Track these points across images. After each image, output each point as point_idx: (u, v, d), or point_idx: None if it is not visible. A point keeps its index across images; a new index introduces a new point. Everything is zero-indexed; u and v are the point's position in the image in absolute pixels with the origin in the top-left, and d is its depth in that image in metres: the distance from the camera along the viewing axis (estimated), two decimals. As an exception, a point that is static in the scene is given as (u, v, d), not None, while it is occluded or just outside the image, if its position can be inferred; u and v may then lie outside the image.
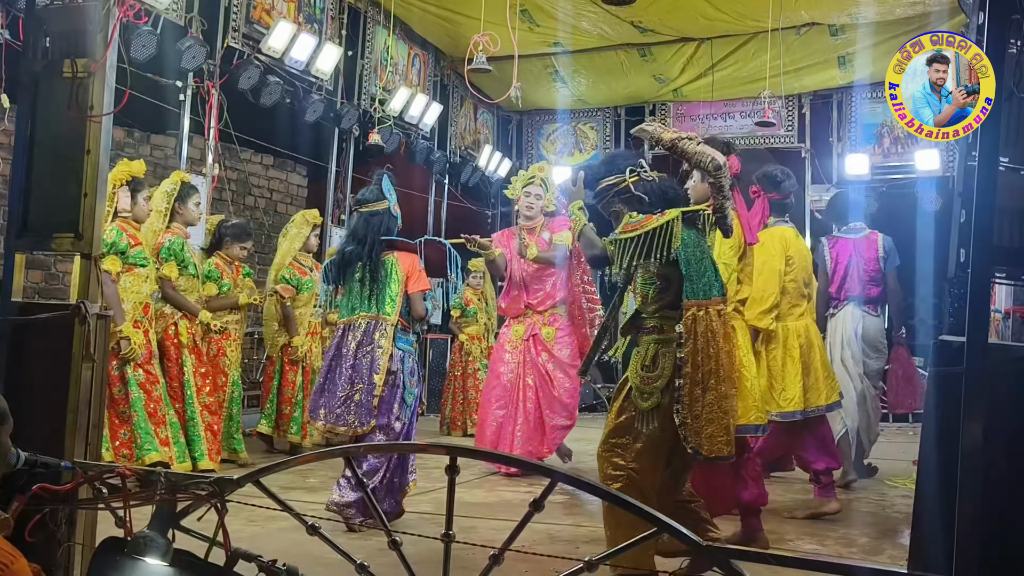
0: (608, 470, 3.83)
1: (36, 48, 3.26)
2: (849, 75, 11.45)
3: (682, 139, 3.98)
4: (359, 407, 4.90)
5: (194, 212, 6.30)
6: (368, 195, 5.17)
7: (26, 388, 2.23)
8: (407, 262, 5.10)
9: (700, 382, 3.71)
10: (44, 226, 3.23)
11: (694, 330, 3.74)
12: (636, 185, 3.92)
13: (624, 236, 3.80)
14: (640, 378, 3.81)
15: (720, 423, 3.74)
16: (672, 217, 3.76)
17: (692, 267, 3.77)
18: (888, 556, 4.57)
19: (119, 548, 2.67)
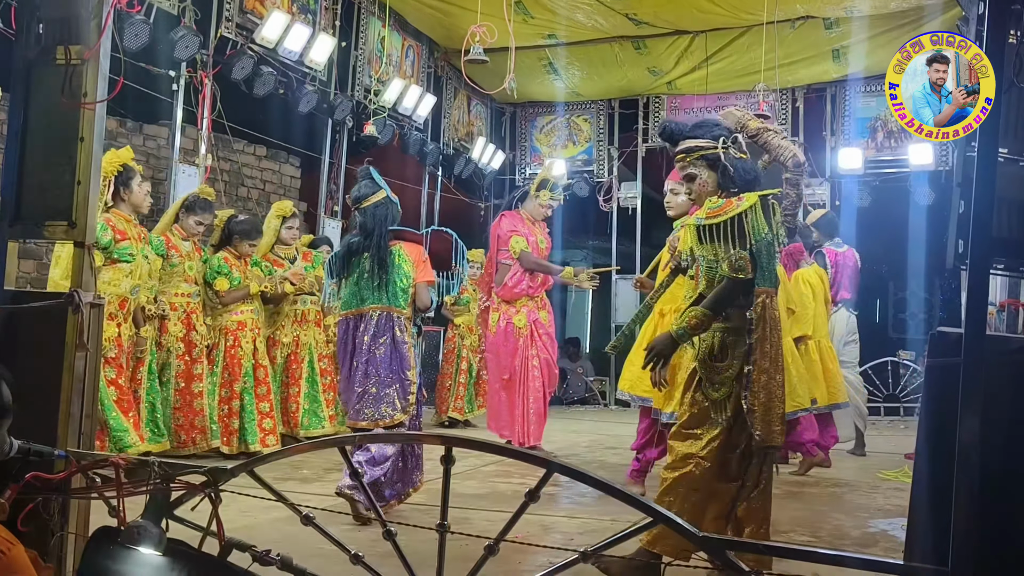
0: (675, 456, 3.78)
1: (29, 35, 3.23)
2: (843, 69, 11.46)
3: (768, 130, 3.95)
4: (378, 401, 4.91)
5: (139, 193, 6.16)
6: (364, 190, 5.14)
7: (19, 377, 2.21)
8: (414, 253, 5.10)
9: (767, 369, 3.69)
10: (37, 214, 3.20)
11: (764, 317, 3.71)
12: (726, 155, 3.82)
13: (709, 222, 3.76)
14: (709, 367, 3.77)
15: (778, 411, 3.73)
16: (752, 203, 3.70)
17: (764, 255, 3.72)
18: (881, 548, 4.58)
19: (112, 537, 2.66)
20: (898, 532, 4.80)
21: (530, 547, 3.12)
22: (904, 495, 5.13)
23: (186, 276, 6.58)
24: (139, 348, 6.06)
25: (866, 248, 12.41)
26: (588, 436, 8.92)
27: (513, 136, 13.74)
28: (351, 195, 5.24)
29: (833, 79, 11.86)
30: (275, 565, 2.59)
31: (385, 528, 2.51)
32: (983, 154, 2.17)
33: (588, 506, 5.31)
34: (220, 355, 6.79)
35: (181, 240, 6.61)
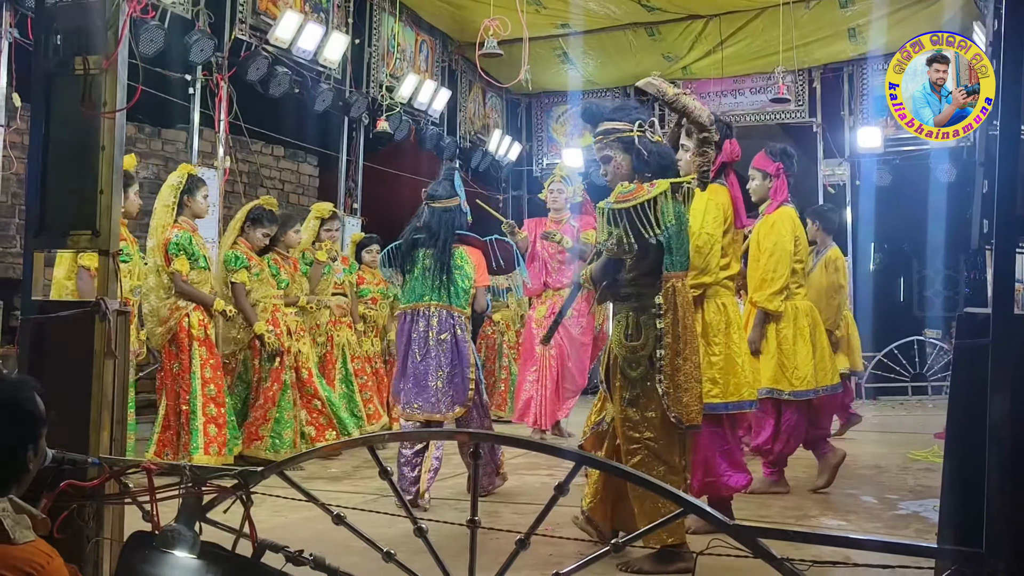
0: (626, 445, 3.84)
1: (47, 46, 3.25)
2: (860, 47, 11.36)
3: (682, 95, 4.15)
4: (444, 395, 5.12)
5: (203, 204, 6.27)
6: (440, 191, 5.32)
7: (49, 386, 2.23)
8: (475, 257, 5.32)
9: (680, 352, 3.77)
10: (61, 224, 3.22)
11: (674, 301, 3.79)
12: (641, 139, 3.92)
13: (617, 207, 3.82)
14: (625, 348, 3.84)
15: (694, 392, 3.81)
16: (662, 191, 3.78)
17: (674, 240, 3.80)
18: (913, 530, 4.55)
19: (147, 542, 2.69)
20: (930, 513, 4.77)
21: (560, 539, 3.12)
22: (934, 475, 5.11)
23: (269, 281, 6.66)
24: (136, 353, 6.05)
25: (887, 227, 12.37)
26: (614, 425, 8.90)
27: (529, 127, 13.72)
28: (427, 190, 5.42)
29: (850, 58, 11.76)
30: (308, 565, 2.61)
31: (416, 525, 2.52)
32: (1005, 132, 2.14)
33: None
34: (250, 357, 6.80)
35: (250, 251, 6.68)
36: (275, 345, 6.42)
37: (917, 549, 2.27)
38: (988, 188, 2.27)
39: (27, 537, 2.01)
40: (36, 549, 1.99)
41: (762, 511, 4.95)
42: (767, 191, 5.59)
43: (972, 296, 12.07)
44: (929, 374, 11.47)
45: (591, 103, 4.22)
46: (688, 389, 3.77)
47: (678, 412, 3.73)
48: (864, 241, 12.30)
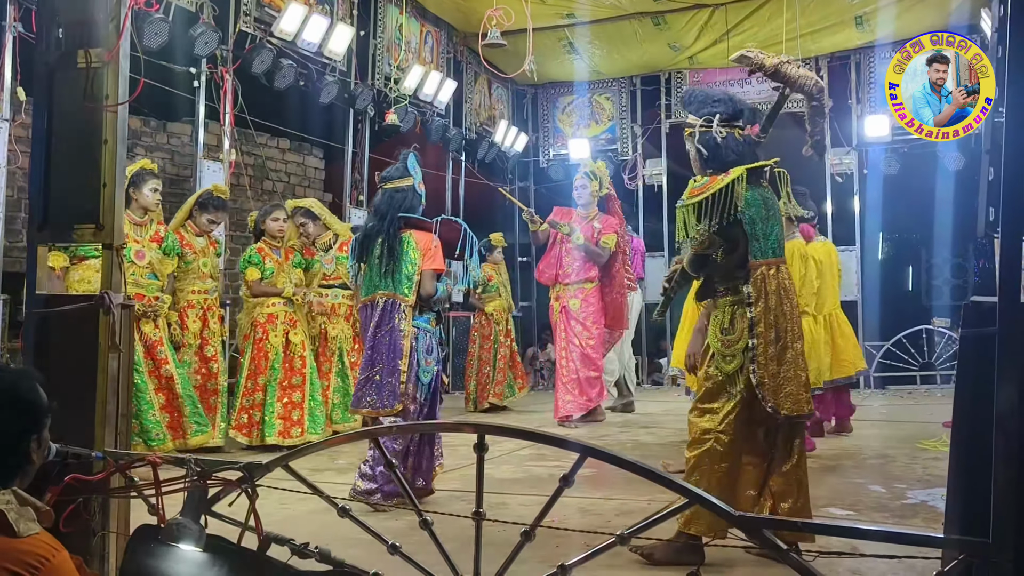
0: (695, 434, 3.79)
1: (49, 39, 3.25)
2: (867, 35, 11.30)
3: (784, 63, 3.98)
4: (379, 388, 4.88)
5: (149, 197, 6.22)
6: (392, 172, 5.17)
7: (53, 380, 2.24)
8: (423, 240, 5.04)
9: (775, 341, 3.70)
10: (65, 218, 3.23)
11: (764, 289, 3.72)
12: (701, 135, 3.87)
13: (689, 202, 3.78)
14: (721, 341, 3.78)
15: (799, 381, 3.73)
16: (734, 177, 3.71)
17: (757, 226, 3.73)
18: (921, 519, 4.54)
19: (153, 535, 2.69)
20: (938, 503, 4.76)
21: (567, 531, 3.12)
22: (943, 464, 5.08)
23: (200, 273, 6.63)
24: None
25: (895, 216, 12.33)
26: (621, 415, 8.91)
27: (535, 118, 13.69)
28: (383, 172, 5.28)
29: (857, 46, 11.70)
30: (314, 558, 2.61)
31: (421, 517, 2.52)
32: (1012, 120, 2.12)
33: (623, 487, 5.29)
34: (249, 347, 6.84)
35: (195, 236, 6.66)
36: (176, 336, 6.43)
37: (924, 539, 2.26)
38: (995, 176, 2.25)
39: (32, 530, 2.01)
40: (41, 541, 1.99)
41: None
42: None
43: (981, 284, 12.03)
44: (938, 363, 11.42)
45: (690, 90, 4.18)
46: (791, 378, 3.69)
47: (775, 403, 3.65)
48: (872, 230, 12.25)
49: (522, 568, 2.47)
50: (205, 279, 6.66)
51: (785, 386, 3.68)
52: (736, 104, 3.96)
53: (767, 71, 3.96)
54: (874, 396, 10.89)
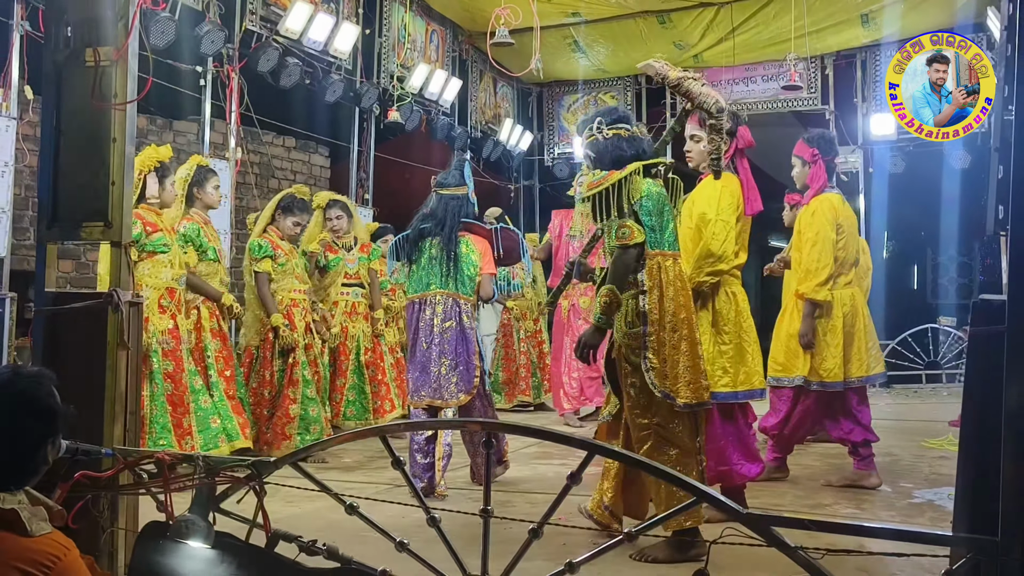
0: (636, 432, 3.85)
1: (58, 38, 3.26)
2: (873, 33, 11.28)
3: (687, 79, 4.08)
4: (448, 381, 5.14)
5: (214, 195, 6.25)
6: (449, 179, 5.40)
7: (63, 377, 2.24)
8: (481, 245, 5.35)
9: (671, 329, 3.78)
10: (73, 216, 3.24)
11: (659, 279, 3.82)
12: (588, 143, 4.05)
13: (587, 194, 3.87)
14: (626, 335, 3.83)
15: (698, 369, 3.84)
16: (630, 171, 3.82)
17: (654, 218, 3.83)
18: (928, 518, 4.54)
19: (162, 532, 2.71)
20: (944, 501, 4.76)
21: (574, 529, 3.12)
22: (949, 463, 5.08)
23: (296, 274, 6.58)
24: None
25: (901, 214, 12.30)
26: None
27: (540, 116, 13.69)
28: (437, 177, 5.48)
29: (863, 44, 11.67)
30: (321, 555, 2.62)
31: (429, 515, 2.53)
32: (1021, 117, 2.12)
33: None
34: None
35: (281, 240, 6.59)
36: (289, 340, 6.32)
37: (931, 537, 2.26)
38: (1003, 174, 2.25)
39: (44, 529, 2.02)
40: (53, 541, 2.01)
41: (775, 499, 4.94)
42: (806, 178, 5.56)
43: (986, 283, 12.00)
44: (943, 362, 11.41)
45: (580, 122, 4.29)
46: (691, 367, 3.79)
47: (664, 388, 3.74)
48: (877, 229, 12.23)
49: (530, 565, 2.48)
50: (302, 281, 6.66)
51: (684, 374, 3.77)
52: (619, 111, 4.20)
53: (669, 83, 4.14)
54: (879, 395, 10.88)
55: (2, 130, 6.29)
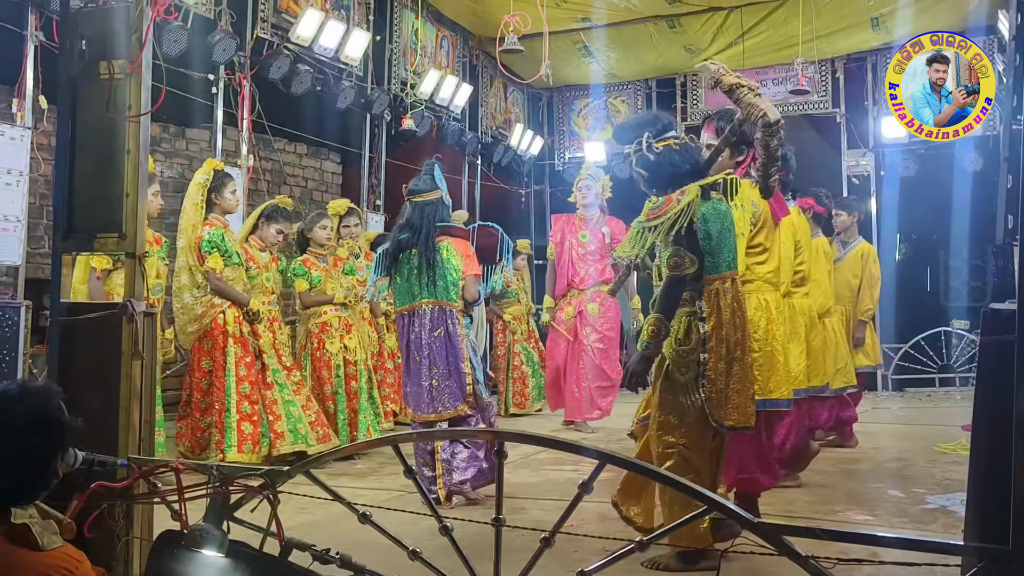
0: (660, 448, 3.82)
1: (72, 51, 3.29)
2: (883, 36, 11.26)
3: (741, 87, 3.90)
4: (440, 392, 5.06)
5: (231, 200, 6.28)
6: (420, 185, 5.27)
7: (78, 387, 2.27)
8: (461, 247, 5.23)
9: (725, 356, 3.74)
10: (88, 227, 3.27)
11: (717, 304, 3.76)
12: (638, 159, 3.88)
13: (649, 224, 3.77)
14: (675, 352, 3.79)
15: (746, 394, 3.79)
16: (691, 199, 3.71)
17: (712, 241, 3.76)
18: (941, 525, 4.53)
19: (176, 541, 2.73)
20: (957, 507, 4.74)
21: (585, 537, 3.13)
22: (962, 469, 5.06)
23: (264, 288, 6.56)
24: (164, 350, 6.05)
25: (913, 217, 12.25)
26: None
27: (551, 121, 13.71)
28: (408, 185, 5.35)
29: (873, 47, 11.66)
30: (335, 563, 2.63)
31: (441, 523, 2.54)
32: (1030, 127, 2.13)
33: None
34: (307, 359, 6.85)
35: (259, 251, 6.59)
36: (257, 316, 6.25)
37: (943, 546, 2.26)
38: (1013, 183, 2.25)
39: (55, 543, 2.04)
40: (64, 555, 2.03)
41: (788, 507, 4.93)
42: None
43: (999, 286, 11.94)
44: (956, 365, 11.36)
45: (618, 125, 4.21)
46: (740, 391, 3.75)
47: (719, 416, 3.71)
48: (889, 232, 12.19)
49: (541, 573, 2.49)
50: (268, 293, 6.61)
51: (733, 398, 3.74)
52: (663, 120, 3.98)
53: (721, 88, 3.96)
54: (892, 399, 10.85)
55: (17, 140, 6.33)
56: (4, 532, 2.00)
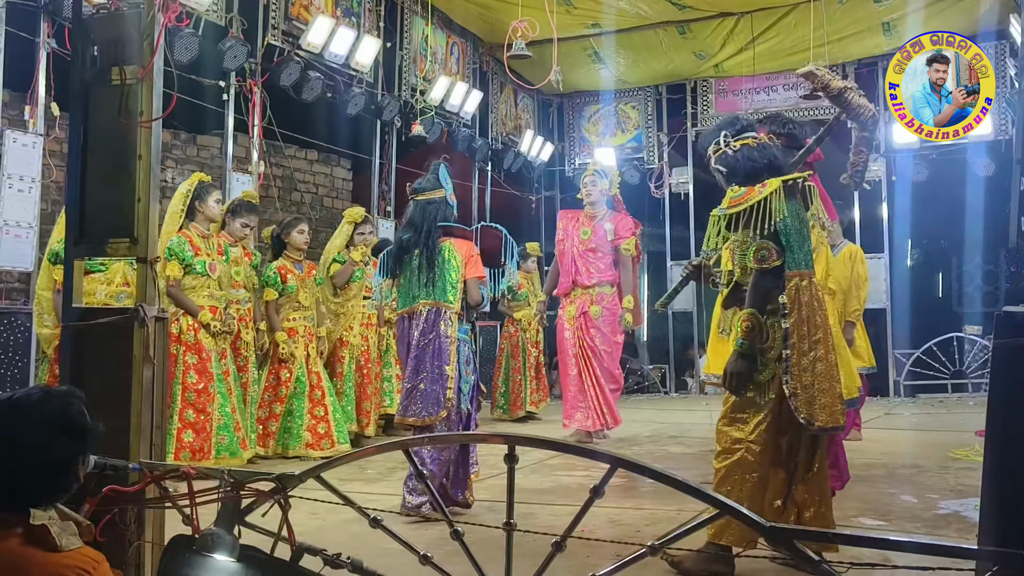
0: (726, 443, 3.79)
1: (84, 57, 3.30)
2: (894, 41, 11.21)
3: (849, 89, 4.03)
4: (424, 396, 4.92)
5: (215, 209, 6.33)
6: (424, 184, 5.18)
7: (89, 392, 2.27)
8: (464, 249, 5.10)
9: (808, 352, 3.67)
10: (100, 232, 3.27)
11: (798, 300, 3.70)
12: (717, 158, 3.93)
13: (730, 211, 3.77)
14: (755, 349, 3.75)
15: (833, 392, 3.70)
16: (773, 189, 3.71)
17: (793, 237, 3.72)
18: (954, 530, 4.50)
19: (188, 546, 2.72)
20: (970, 513, 4.71)
21: (597, 541, 3.12)
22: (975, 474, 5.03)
23: (234, 282, 6.63)
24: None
25: (925, 222, 12.23)
26: (650, 426, 8.89)
27: (561, 127, 13.72)
28: (414, 184, 5.29)
29: (884, 52, 11.62)
30: (346, 568, 2.63)
31: (452, 528, 2.53)
32: (1043, 129, 2.12)
33: (653, 497, 5.30)
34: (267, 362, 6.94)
35: (229, 246, 6.64)
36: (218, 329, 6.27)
37: (957, 551, 2.24)
38: (1026, 186, 2.25)
39: (73, 544, 2.04)
40: (82, 555, 2.03)
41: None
42: None
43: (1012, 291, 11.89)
44: (969, 371, 11.31)
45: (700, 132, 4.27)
46: (825, 390, 3.67)
47: (808, 414, 3.63)
48: (900, 237, 12.17)
49: (553, 578, 2.48)
50: (238, 289, 6.66)
51: (820, 397, 3.65)
52: (740, 120, 4.04)
53: (830, 92, 4.00)
54: (904, 404, 10.81)
55: (29, 146, 6.37)
56: (23, 533, 2.00)
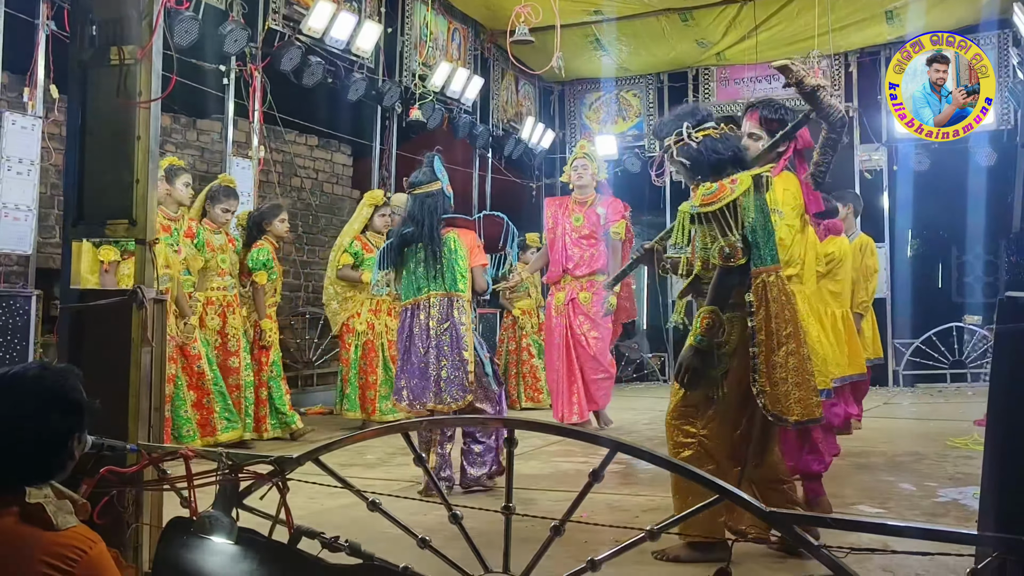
0: (678, 437, 3.78)
1: (83, 37, 3.28)
2: (897, 30, 11.19)
3: (822, 88, 4.01)
4: (449, 384, 5.04)
5: (183, 192, 6.27)
6: (421, 177, 5.26)
7: (87, 374, 2.26)
8: (467, 238, 5.23)
9: (777, 348, 3.65)
10: (98, 213, 3.26)
11: (766, 297, 3.67)
12: (679, 150, 3.88)
13: (703, 210, 3.71)
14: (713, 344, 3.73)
15: (808, 386, 3.69)
16: (745, 187, 3.68)
17: (759, 235, 3.69)
18: (953, 518, 4.50)
19: (186, 528, 2.72)
20: (969, 501, 4.72)
21: (595, 526, 3.12)
22: (974, 463, 5.04)
23: (220, 270, 6.63)
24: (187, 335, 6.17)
25: (926, 212, 12.21)
26: (648, 413, 8.88)
27: (562, 114, 13.68)
28: (409, 179, 5.35)
29: (887, 41, 11.58)
30: (344, 551, 2.63)
31: (451, 512, 2.53)
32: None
33: (650, 483, 5.30)
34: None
35: (212, 233, 6.64)
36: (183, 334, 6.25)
37: (957, 536, 2.24)
38: (1030, 170, 2.23)
39: (69, 523, 2.03)
40: (78, 534, 2.02)
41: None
42: None
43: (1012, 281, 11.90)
44: (968, 361, 11.31)
45: (657, 124, 4.23)
46: (800, 384, 3.65)
47: (780, 410, 3.62)
48: (902, 227, 12.15)
49: (551, 563, 2.47)
50: (224, 276, 6.66)
51: (794, 392, 3.64)
52: (701, 111, 3.98)
53: (803, 89, 3.97)
54: (904, 394, 10.81)
55: (28, 129, 6.35)
56: (18, 511, 1.99)
